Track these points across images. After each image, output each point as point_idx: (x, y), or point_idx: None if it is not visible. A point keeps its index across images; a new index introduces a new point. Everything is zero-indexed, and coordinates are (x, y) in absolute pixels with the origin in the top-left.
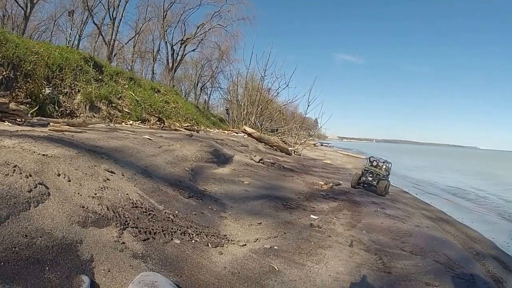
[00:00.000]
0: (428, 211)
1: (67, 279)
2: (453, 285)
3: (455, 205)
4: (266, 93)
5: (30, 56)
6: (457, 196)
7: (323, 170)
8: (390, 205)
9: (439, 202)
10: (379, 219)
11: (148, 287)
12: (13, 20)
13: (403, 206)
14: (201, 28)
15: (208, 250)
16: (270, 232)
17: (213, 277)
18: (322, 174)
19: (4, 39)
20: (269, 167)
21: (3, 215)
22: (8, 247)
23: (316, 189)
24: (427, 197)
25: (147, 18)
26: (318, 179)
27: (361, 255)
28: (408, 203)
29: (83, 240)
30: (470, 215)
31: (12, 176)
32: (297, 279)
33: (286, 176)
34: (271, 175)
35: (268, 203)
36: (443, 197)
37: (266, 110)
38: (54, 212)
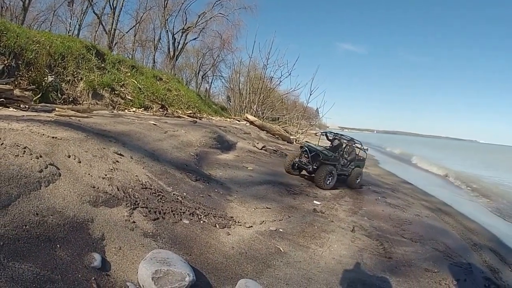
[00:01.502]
0: (428, 202)
1: (79, 256)
2: (451, 272)
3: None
4: (268, 82)
5: (31, 45)
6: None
7: None
8: (390, 194)
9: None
10: (380, 207)
11: (160, 263)
12: (11, 11)
13: (403, 196)
14: (203, 17)
15: (216, 230)
16: (275, 216)
17: (222, 256)
18: None
19: (5, 29)
20: (271, 154)
21: (13, 194)
22: (18, 225)
23: None
24: None
25: (148, 7)
26: None
27: (363, 240)
28: (408, 193)
29: (94, 219)
30: None
31: (22, 157)
32: (302, 261)
33: None
34: (274, 162)
35: (272, 188)
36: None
37: (268, 99)
38: (65, 191)
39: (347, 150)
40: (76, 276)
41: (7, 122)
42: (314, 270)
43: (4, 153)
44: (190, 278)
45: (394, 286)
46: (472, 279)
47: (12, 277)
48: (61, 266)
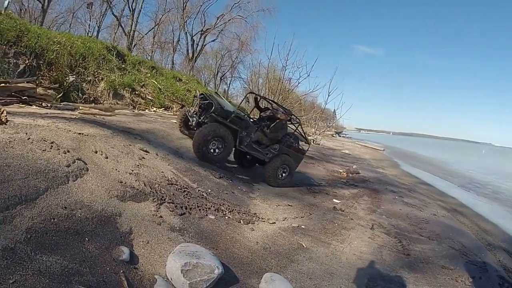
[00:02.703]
0: (444, 202)
1: (107, 250)
2: (466, 270)
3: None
4: (287, 83)
5: (52, 45)
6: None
7: (342, 159)
8: (407, 194)
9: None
10: (398, 206)
11: (189, 256)
12: (30, 13)
13: (420, 196)
14: (221, 19)
15: (240, 226)
16: (297, 213)
17: (247, 250)
18: (341, 162)
19: (26, 29)
20: None
21: (41, 187)
22: (46, 218)
23: (336, 176)
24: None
25: (167, 9)
26: (338, 167)
27: (382, 237)
28: (424, 194)
29: (122, 213)
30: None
31: (49, 152)
32: (324, 256)
33: (308, 163)
34: None
35: (292, 187)
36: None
37: (287, 100)
38: (93, 186)
39: (276, 126)
40: (104, 269)
41: (32, 118)
42: (336, 265)
43: (31, 147)
44: (219, 271)
45: (412, 282)
46: (487, 277)
47: (40, 269)
48: (90, 259)
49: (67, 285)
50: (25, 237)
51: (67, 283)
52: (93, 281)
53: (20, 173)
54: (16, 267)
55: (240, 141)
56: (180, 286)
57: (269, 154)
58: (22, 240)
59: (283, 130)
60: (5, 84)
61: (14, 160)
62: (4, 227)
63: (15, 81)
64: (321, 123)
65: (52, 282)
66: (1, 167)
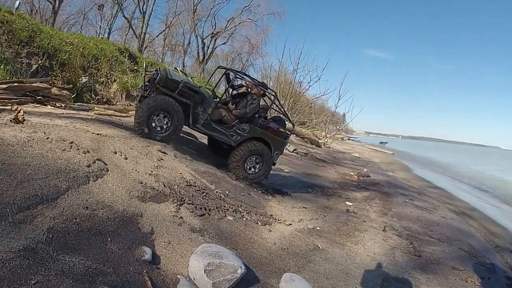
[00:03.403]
0: (453, 206)
1: (129, 250)
2: (476, 271)
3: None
4: (298, 87)
5: (65, 46)
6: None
7: (353, 163)
8: (417, 197)
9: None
10: (408, 208)
11: (212, 256)
12: (41, 14)
13: (429, 199)
14: (231, 22)
15: (258, 227)
16: (312, 215)
17: (265, 251)
18: (352, 166)
19: (38, 30)
20: (302, 157)
21: (62, 187)
22: (68, 218)
23: (348, 179)
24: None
25: (177, 12)
26: (349, 170)
27: (394, 239)
28: (433, 197)
29: (143, 213)
30: None
31: (69, 152)
32: (339, 257)
33: (320, 166)
34: (305, 164)
35: (305, 189)
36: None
37: (298, 103)
38: (113, 186)
39: (245, 101)
40: (128, 269)
41: (49, 118)
42: (351, 266)
43: (50, 147)
44: (242, 271)
45: (424, 283)
46: (496, 278)
47: (63, 270)
48: (113, 259)
49: (91, 285)
50: (46, 237)
51: (91, 284)
52: (117, 281)
53: (40, 173)
54: (38, 267)
55: (194, 119)
56: (203, 285)
57: (236, 137)
58: (44, 240)
59: (254, 107)
60: (19, 83)
61: (34, 160)
62: (25, 226)
63: (29, 80)
64: (331, 126)
65: (76, 282)
66: (21, 166)
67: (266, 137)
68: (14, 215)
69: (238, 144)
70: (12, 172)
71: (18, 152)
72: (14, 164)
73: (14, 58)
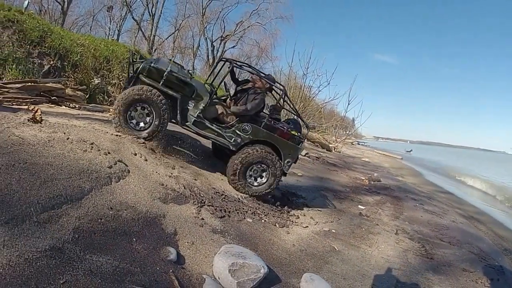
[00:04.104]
0: (462, 210)
1: (154, 250)
2: (485, 273)
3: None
4: (308, 91)
5: (76, 47)
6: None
7: (363, 167)
8: (427, 201)
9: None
10: (419, 212)
11: (235, 256)
12: (50, 15)
13: (439, 204)
14: (240, 25)
15: (276, 229)
16: (327, 218)
17: (285, 252)
18: (362, 170)
19: (49, 30)
20: (314, 161)
21: (86, 188)
22: (93, 218)
23: (359, 183)
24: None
25: (186, 15)
26: (359, 175)
27: (406, 242)
28: (443, 202)
29: (165, 215)
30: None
31: (90, 152)
32: (355, 259)
33: (331, 170)
34: (318, 168)
35: (319, 193)
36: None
37: (307, 107)
38: (135, 187)
39: (251, 95)
40: (154, 268)
41: (66, 118)
42: (366, 267)
43: (71, 147)
44: (265, 270)
45: (437, 283)
46: (504, 279)
47: (91, 269)
48: (139, 259)
49: (120, 284)
50: (73, 237)
51: (120, 283)
52: (145, 281)
53: (63, 173)
54: (66, 267)
55: (183, 115)
56: (228, 285)
57: (236, 139)
58: (70, 240)
59: (257, 103)
60: (33, 83)
61: (56, 160)
62: (50, 226)
63: (43, 81)
64: (341, 131)
65: (104, 282)
66: (43, 165)
67: (274, 140)
68: (38, 215)
69: (239, 149)
70: (34, 171)
71: (40, 151)
72: (36, 164)
73: (26, 58)
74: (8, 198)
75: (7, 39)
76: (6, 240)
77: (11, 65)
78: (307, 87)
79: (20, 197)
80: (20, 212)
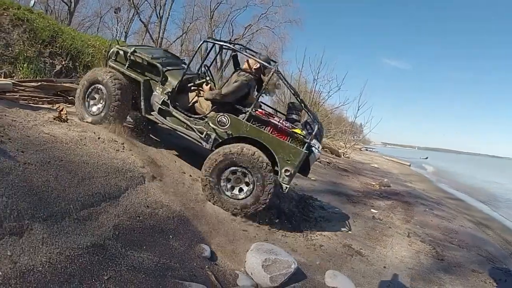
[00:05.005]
0: (470, 216)
1: (190, 247)
2: (493, 274)
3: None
4: (317, 96)
5: (87, 48)
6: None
7: (372, 173)
8: (436, 207)
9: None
10: (429, 217)
11: (267, 253)
12: (56, 15)
13: (447, 209)
14: (249, 29)
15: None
16: (343, 220)
17: (306, 250)
18: (372, 176)
19: (60, 30)
20: (326, 166)
21: (122, 186)
22: (132, 216)
23: (370, 188)
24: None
25: (194, 18)
26: (370, 180)
27: (418, 244)
28: (451, 207)
29: (198, 213)
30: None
31: (123, 152)
32: (371, 258)
33: (343, 175)
34: (330, 173)
35: (333, 197)
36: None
37: (317, 113)
38: (168, 187)
39: (233, 78)
40: (192, 264)
41: None
42: (382, 266)
43: (104, 147)
44: (295, 266)
45: (448, 282)
46: (511, 281)
47: (133, 265)
48: (177, 255)
49: (162, 279)
50: (113, 233)
51: (162, 278)
52: (185, 276)
53: (99, 171)
54: (109, 263)
55: (147, 103)
56: (261, 280)
57: (208, 133)
58: (111, 237)
59: (236, 86)
60: (50, 82)
61: (91, 158)
62: (90, 223)
63: (60, 80)
64: (350, 137)
65: (148, 277)
66: (79, 164)
67: (264, 138)
68: (78, 212)
69: (217, 147)
70: (71, 169)
71: (73, 150)
72: (72, 162)
73: (37, 57)
74: (46, 195)
75: (17, 38)
76: (45, 237)
77: (22, 64)
78: (317, 92)
79: (59, 194)
80: (59, 209)
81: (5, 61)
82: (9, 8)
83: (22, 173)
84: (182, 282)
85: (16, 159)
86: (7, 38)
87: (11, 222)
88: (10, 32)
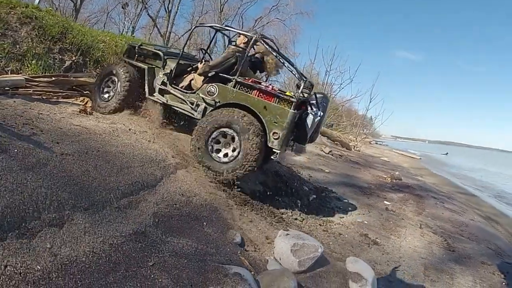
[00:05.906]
0: (480, 211)
1: (222, 233)
2: (501, 267)
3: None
4: (329, 89)
5: (98, 43)
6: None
7: (383, 166)
8: (447, 200)
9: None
10: (440, 210)
11: (295, 238)
12: (61, 12)
13: (458, 203)
14: (259, 21)
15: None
16: (358, 211)
17: (327, 238)
18: (383, 169)
19: (69, 27)
20: (338, 159)
21: (158, 175)
22: (169, 204)
23: (381, 181)
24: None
25: (204, 11)
26: (381, 173)
27: (430, 235)
28: (462, 201)
29: (227, 202)
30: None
31: (155, 143)
32: (386, 247)
33: (354, 168)
34: (342, 166)
35: (347, 188)
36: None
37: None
38: (199, 177)
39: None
40: (226, 249)
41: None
42: (397, 255)
43: (137, 138)
44: (322, 250)
45: (459, 273)
46: None
47: (175, 251)
48: (212, 241)
49: (203, 263)
50: (153, 221)
51: (203, 262)
52: (222, 260)
53: (136, 161)
54: (152, 250)
55: (150, 86)
56: (289, 264)
57: (199, 103)
58: (151, 224)
59: (223, 57)
60: (65, 77)
61: (126, 148)
62: (130, 211)
63: (74, 75)
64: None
65: (190, 262)
66: (116, 154)
67: (250, 102)
68: (118, 201)
69: (201, 113)
70: (109, 159)
71: (108, 141)
72: (108, 152)
73: (46, 53)
74: (87, 184)
75: (26, 35)
76: (87, 227)
77: (30, 61)
78: (329, 85)
79: (100, 184)
80: (100, 199)
81: (12, 58)
82: (16, 7)
83: (60, 164)
84: (222, 266)
85: (53, 150)
86: (15, 36)
87: (50, 213)
88: (18, 30)
